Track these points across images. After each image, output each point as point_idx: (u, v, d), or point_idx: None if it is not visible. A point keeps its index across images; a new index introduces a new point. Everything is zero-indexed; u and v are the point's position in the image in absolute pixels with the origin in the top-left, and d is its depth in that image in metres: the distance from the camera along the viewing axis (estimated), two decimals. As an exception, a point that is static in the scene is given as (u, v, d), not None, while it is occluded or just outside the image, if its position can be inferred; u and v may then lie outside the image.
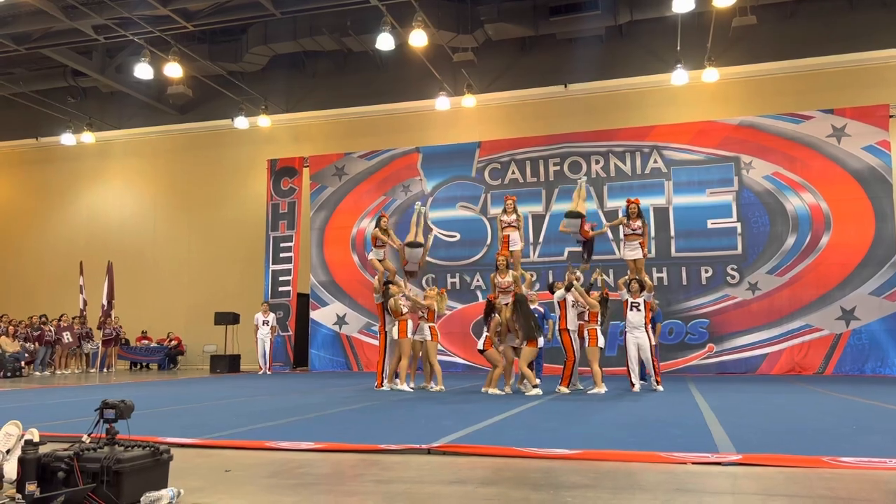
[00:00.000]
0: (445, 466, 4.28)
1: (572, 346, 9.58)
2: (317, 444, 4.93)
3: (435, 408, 7.76)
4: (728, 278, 15.12)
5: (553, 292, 10.13)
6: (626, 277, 10.24)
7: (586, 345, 9.56)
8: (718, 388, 10.60)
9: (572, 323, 9.63)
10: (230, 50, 18.20)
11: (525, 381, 9.51)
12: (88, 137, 20.51)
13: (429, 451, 4.66)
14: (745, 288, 14.98)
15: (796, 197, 15.03)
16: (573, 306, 9.61)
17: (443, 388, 10.13)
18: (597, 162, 16.32)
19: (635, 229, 10.45)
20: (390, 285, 10.72)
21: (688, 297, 15.25)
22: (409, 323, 10.23)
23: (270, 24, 17.17)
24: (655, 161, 16.00)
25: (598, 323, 9.61)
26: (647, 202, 15.85)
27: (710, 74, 15.71)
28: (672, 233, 15.61)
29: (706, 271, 15.26)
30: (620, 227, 10.78)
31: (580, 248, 11.05)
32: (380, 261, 11.35)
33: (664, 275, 15.41)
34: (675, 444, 4.83)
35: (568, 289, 9.66)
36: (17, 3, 14.77)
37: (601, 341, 9.57)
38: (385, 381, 10.54)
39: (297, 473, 4.08)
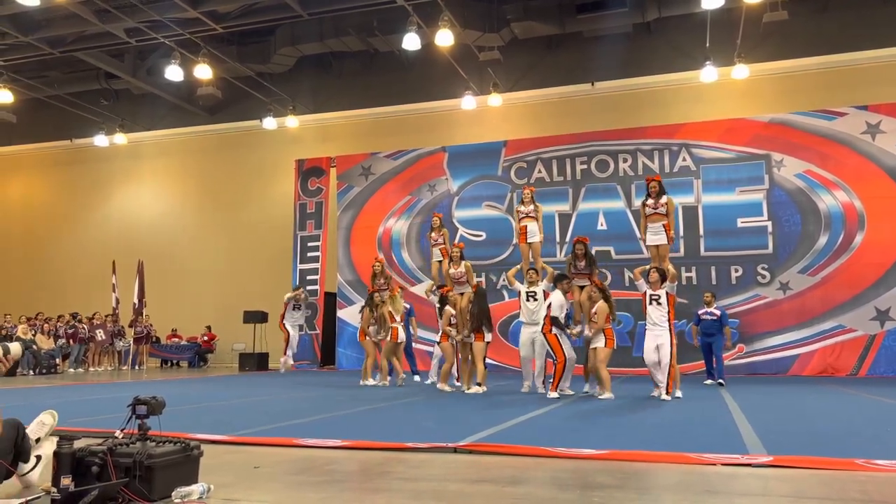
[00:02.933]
0: (472, 465, 4.28)
1: (560, 347, 8.80)
2: (344, 442, 4.97)
3: (461, 407, 7.77)
4: (758, 278, 14.89)
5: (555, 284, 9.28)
6: (646, 266, 9.03)
7: (602, 344, 8.72)
8: (748, 389, 10.45)
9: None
10: (258, 51, 18.40)
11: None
12: (120, 139, 20.87)
13: (455, 450, 4.66)
14: (776, 288, 14.74)
15: (829, 195, 14.74)
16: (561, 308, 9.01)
17: (386, 383, 10.98)
18: (624, 160, 16.18)
19: (657, 208, 9.30)
20: (376, 294, 11.34)
21: (717, 296, 15.00)
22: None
23: (298, 26, 17.32)
24: (684, 159, 15.81)
25: (613, 320, 8.83)
26: (676, 201, 15.61)
27: (740, 71, 15.50)
28: (701, 232, 15.41)
29: (736, 271, 15.05)
30: (643, 207, 9.61)
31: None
32: (439, 262, 11.52)
33: (693, 274, 15.23)
34: (705, 445, 4.77)
35: (559, 326, 8.89)
36: (51, 7, 15.08)
37: (616, 343, 8.84)
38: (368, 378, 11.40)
39: (324, 470, 4.12)
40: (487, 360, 10.29)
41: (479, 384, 9.55)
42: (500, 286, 16.39)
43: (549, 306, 9.01)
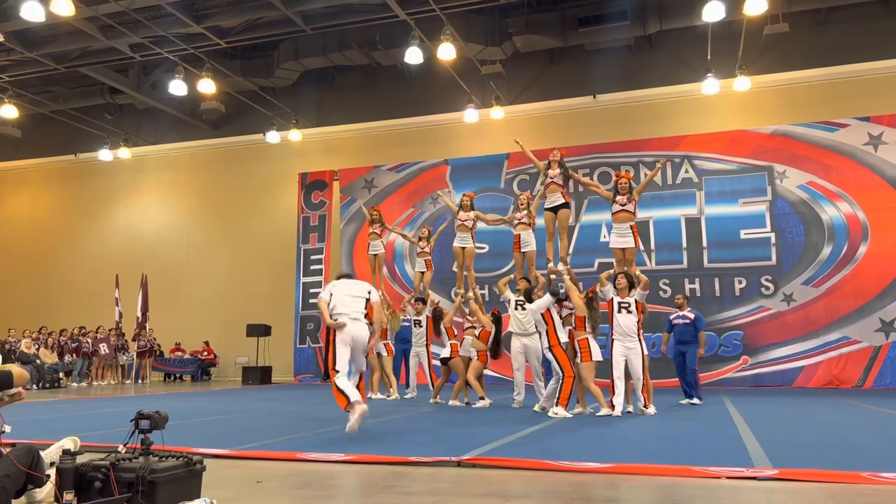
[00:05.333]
0: (475, 479, 4.27)
1: (568, 361, 8.09)
2: (347, 456, 4.95)
3: (464, 420, 7.74)
4: (762, 289, 14.86)
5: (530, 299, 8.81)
6: (611, 271, 8.52)
7: (578, 360, 8.07)
8: (753, 401, 10.40)
9: (563, 335, 8.28)
10: (262, 66, 18.50)
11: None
12: (125, 153, 20.96)
13: (458, 464, 4.65)
14: (780, 299, 14.71)
15: (832, 206, 14.74)
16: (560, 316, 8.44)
17: (397, 396, 11.27)
18: (626, 172, 16.18)
19: (625, 205, 8.57)
20: None
21: (721, 308, 15.01)
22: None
23: (301, 40, 17.43)
24: (687, 171, 15.83)
25: (589, 330, 8.08)
26: (678, 212, 15.74)
27: (742, 83, 15.52)
28: (704, 243, 15.39)
29: (740, 282, 15.02)
30: (611, 205, 8.97)
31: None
32: (421, 273, 11.72)
33: (697, 286, 15.20)
34: (710, 458, 4.75)
35: (554, 294, 8.26)
36: (56, 23, 15.20)
37: (596, 353, 8.08)
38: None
39: (327, 485, 4.11)
40: (493, 374, 10.41)
41: (482, 398, 9.59)
42: (503, 298, 16.33)
43: (549, 320, 8.30)
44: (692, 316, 9.98)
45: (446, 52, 14.50)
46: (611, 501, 3.59)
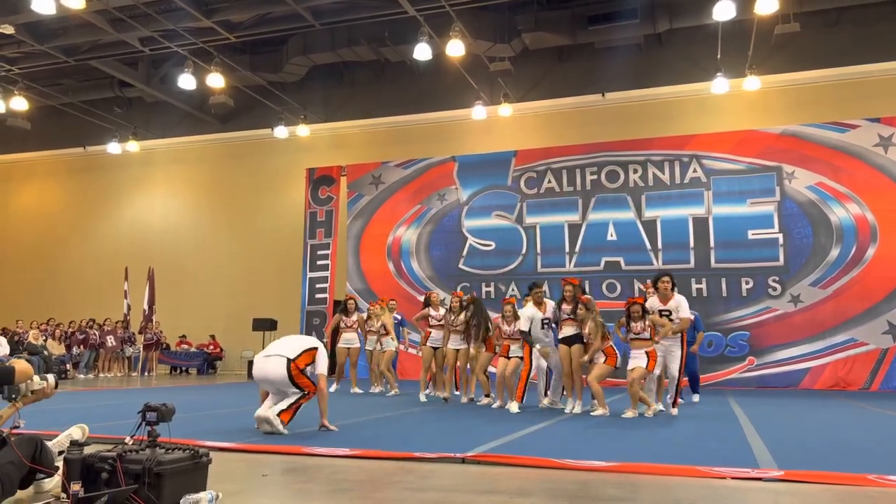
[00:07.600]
0: (480, 476, 4.27)
1: (530, 355, 8.62)
2: (352, 451, 4.97)
3: (469, 417, 7.75)
4: (769, 290, 14.80)
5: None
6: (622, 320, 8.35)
7: (602, 361, 8.15)
8: (759, 402, 10.38)
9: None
10: (271, 60, 18.52)
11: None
12: (133, 146, 21.02)
13: (463, 461, 4.66)
14: (787, 300, 14.65)
15: (841, 207, 14.66)
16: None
17: (398, 391, 11.24)
18: (634, 171, 16.15)
19: (639, 332, 8.00)
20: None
21: (728, 308, 14.96)
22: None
23: (310, 35, 17.43)
24: (695, 170, 15.77)
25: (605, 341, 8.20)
26: (686, 212, 15.68)
27: (752, 83, 15.46)
28: (712, 243, 15.34)
29: (747, 283, 14.97)
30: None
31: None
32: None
33: (703, 286, 15.16)
34: (715, 458, 4.74)
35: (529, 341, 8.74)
36: (67, 16, 15.24)
37: (619, 360, 8.29)
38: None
39: (332, 479, 4.12)
40: (493, 372, 10.31)
41: (487, 395, 9.60)
42: (508, 295, 16.34)
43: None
44: (692, 317, 9.57)
45: (455, 48, 14.49)
46: (615, 500, 3.59)
